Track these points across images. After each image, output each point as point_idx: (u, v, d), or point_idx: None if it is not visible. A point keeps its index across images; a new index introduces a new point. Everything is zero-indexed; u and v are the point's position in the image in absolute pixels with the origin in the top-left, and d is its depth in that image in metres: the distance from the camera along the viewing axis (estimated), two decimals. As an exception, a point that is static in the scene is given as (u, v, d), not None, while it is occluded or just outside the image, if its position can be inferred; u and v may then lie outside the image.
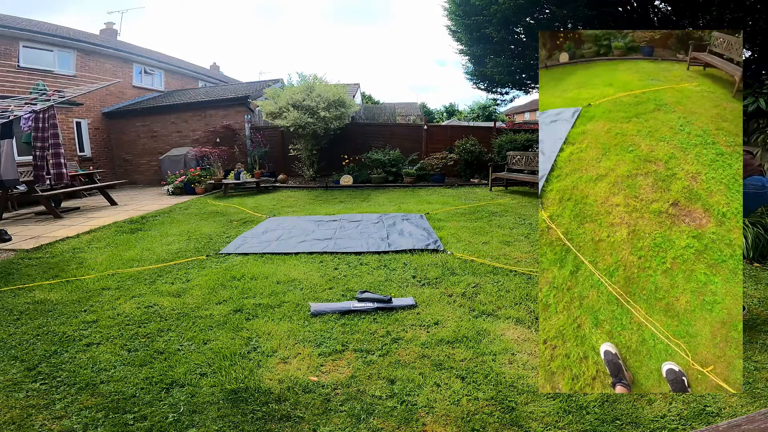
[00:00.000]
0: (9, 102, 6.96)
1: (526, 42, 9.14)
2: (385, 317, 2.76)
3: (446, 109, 41.34)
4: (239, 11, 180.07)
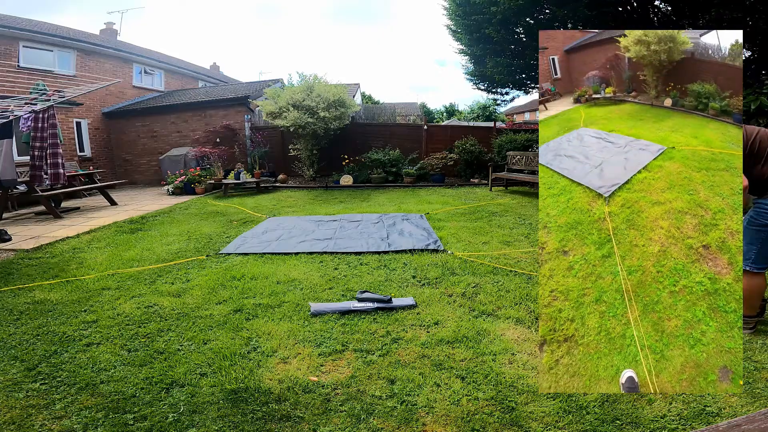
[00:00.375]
0: (9, 102, 6.95)
1: (526, 42, 9.14)
2: (385, 317, 2.76)
3: (446, 109, 41.35)
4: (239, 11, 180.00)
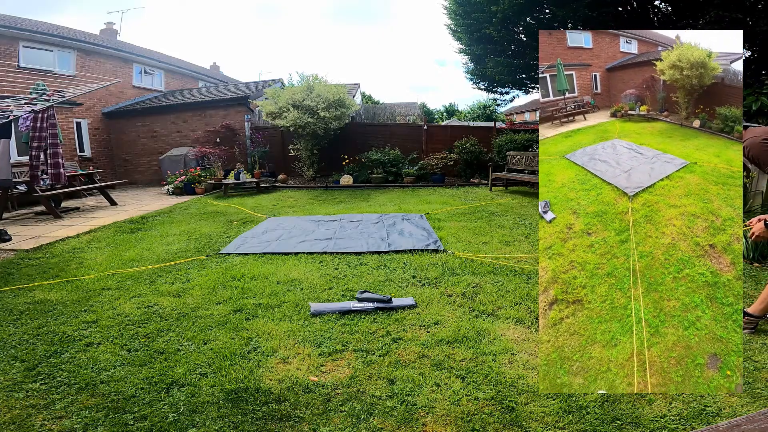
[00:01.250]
0: (9, 102, 6.95)
1: (526, 42, 9.14)
2: (385, 317, 2.76)
3: (446, 109, 41.36)
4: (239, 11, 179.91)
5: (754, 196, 4.65)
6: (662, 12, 7.84)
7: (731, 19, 5.94)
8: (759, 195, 4.60)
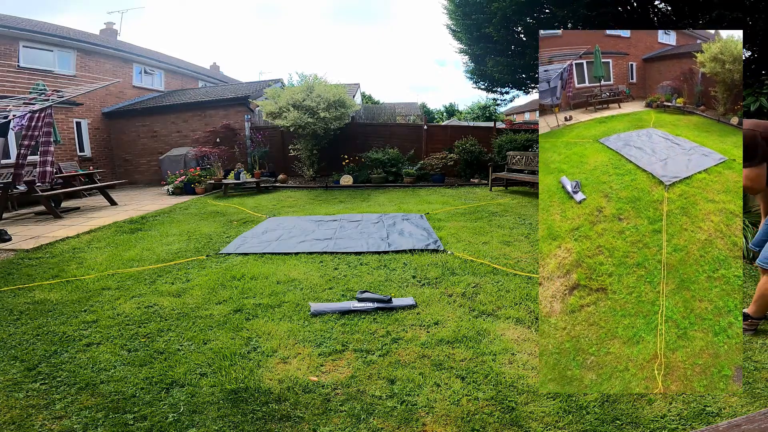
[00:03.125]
0: (8, 102, 6.94)
1: (526, 42, 9.13)
2: (385, 317, 2.76)
3: (446, 109, 41.36)
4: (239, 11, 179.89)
5: (754, 196, 4.64)
6: (662, 12, 7.84)
7: (731, 19, 5.94)
8: (759, 195, 4.59)
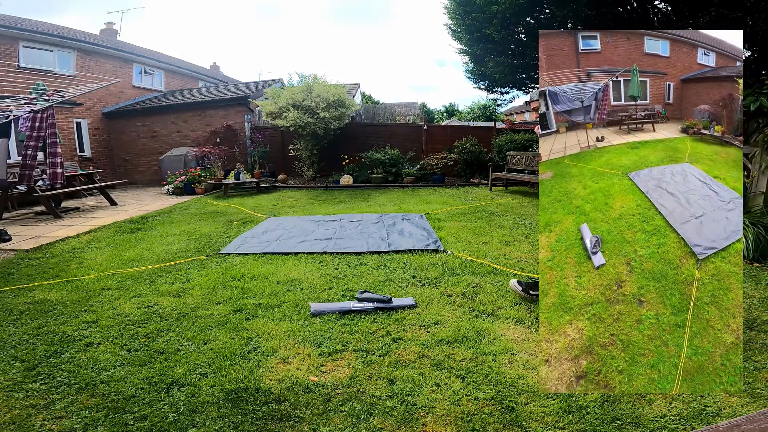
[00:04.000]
0: (9, 102, 6.95)
1: (526, 42, 9.13)
2: (385, 317, 2.76)
3: (446, 109, 41.36)
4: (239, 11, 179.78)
5: (754, 196, 4.65)
6: (662, 12, 7.84)
7: (731, 19, 5.94)
8: (760, 195, 4.60)
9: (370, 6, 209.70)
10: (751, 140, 4.76)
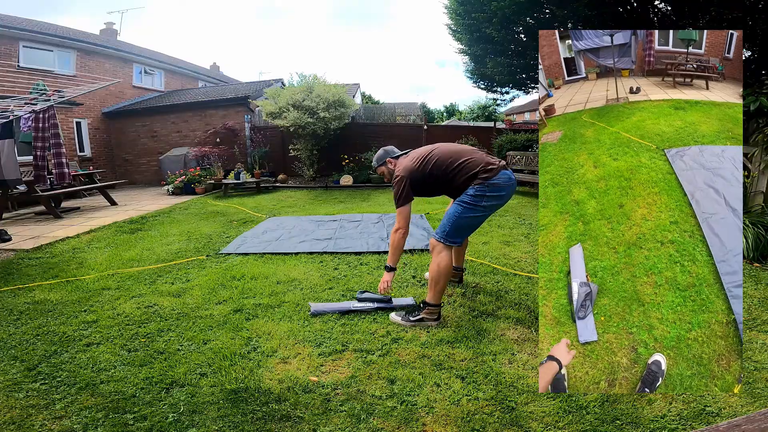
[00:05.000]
0: (9, 102, 6.96)
1: (526, 42, 9.13)
2: (385, 317, 2.76)
3: (446, 109, 41.39)
4: (239, 11, 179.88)
5: (754, 196, 4.65)
6: (662, 12, 7.84)
7: (731, 19, 5.94)
8: (759, 195, 4.60)
9: (370, 7, 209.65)
10: (750, 140, 4.76)
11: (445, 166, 2.66)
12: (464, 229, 2.66)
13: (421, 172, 2.73)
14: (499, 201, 2.60)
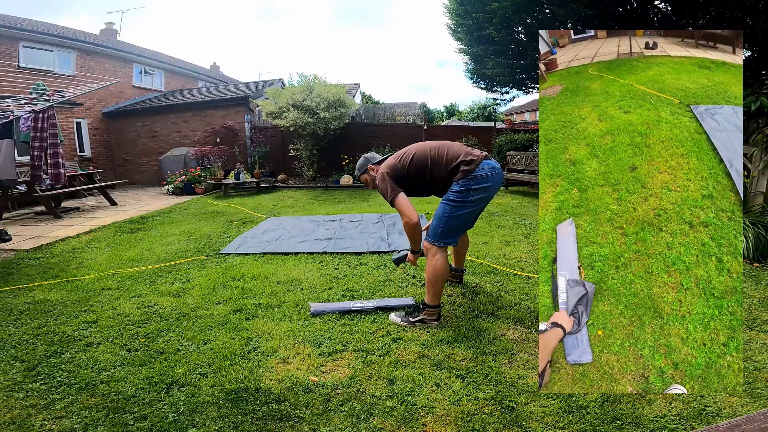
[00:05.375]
0: (9, 102, 6.96)
1: (526, 42, 9.13)
2: (384, 317, 2.76)
3: (446, 109, 41.40)
4: (239, 11, 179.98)
5: (754, 196, 4.65)
6: (662, 12, 7.84)
7: (731, 19, 5.94)
8: (759, 195, 4.60)
9: (370, 6, 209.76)
10: (750, 140, 4.76)
11: (424, 158, 2.67)
12: (457, 228, 2.65)
13: (402, 166, 2.73)
14: (486, 193, 2.58)
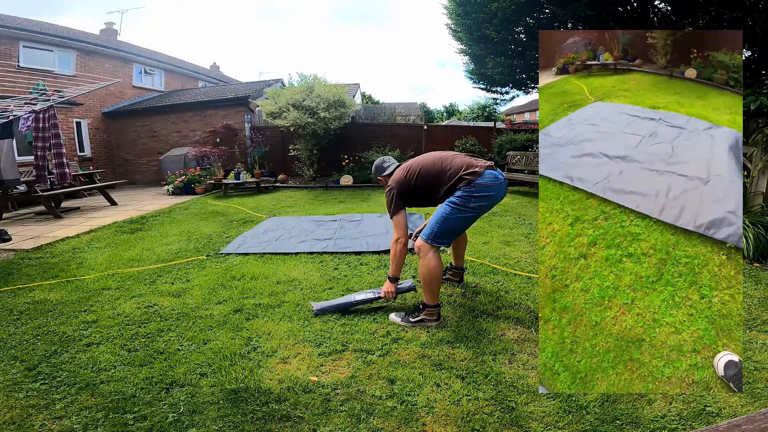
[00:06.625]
0: (9, 102, 6.96)
1: (526, 42, 9.13)
2: (384, 317, 2.76)
3: (446, 109, 41.41)
4: (239, 11, 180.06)
5: (754, 196, 4.65)
6: (662, 12, 7.84)
7: (731, 19, 5.94)
8: (759, 195, 4.60)
9: (370, 6, 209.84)
10: (750, 140, 4.76)
11: (429, 172, 2.75)
12: (452, 231, 2.67)
13: (408, 179, 2.83)
14: (488, 201, 2.61)
